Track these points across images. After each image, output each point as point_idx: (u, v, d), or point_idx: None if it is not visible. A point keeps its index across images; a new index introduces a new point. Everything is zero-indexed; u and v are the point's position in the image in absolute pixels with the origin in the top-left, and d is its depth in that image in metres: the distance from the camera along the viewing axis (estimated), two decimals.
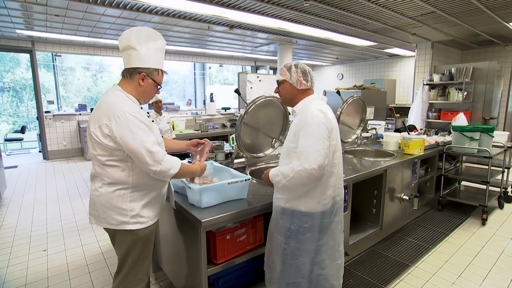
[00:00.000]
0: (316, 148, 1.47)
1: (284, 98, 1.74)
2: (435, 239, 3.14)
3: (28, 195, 4.68)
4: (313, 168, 1.45)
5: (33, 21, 5.11)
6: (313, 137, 1.49)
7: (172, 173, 1.49)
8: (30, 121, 10.33)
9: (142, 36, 1.48)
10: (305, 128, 1.52)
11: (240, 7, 4.33)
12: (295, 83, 1.66)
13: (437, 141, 3.79)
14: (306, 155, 1.48)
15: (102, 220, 1.51)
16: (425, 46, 6.62)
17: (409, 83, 8.95)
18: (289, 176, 1.52)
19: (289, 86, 1.68)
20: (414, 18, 4.89)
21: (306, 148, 1.49)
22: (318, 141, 1.49)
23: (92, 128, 1.43)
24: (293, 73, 1.66)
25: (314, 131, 1.50)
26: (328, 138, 1.52)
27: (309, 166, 1.45)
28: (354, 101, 3.41)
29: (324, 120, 1.54)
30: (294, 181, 1.52)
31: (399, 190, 3.10)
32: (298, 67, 1.67)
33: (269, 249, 1.76)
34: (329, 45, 7.32)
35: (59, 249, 3.01)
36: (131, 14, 4.63)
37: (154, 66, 1.51)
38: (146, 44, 1.48)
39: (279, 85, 1.74)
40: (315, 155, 1.46)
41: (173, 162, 1.50)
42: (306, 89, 1.69)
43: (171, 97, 11.08)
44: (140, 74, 1.49)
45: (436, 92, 6.36)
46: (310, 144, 1.49)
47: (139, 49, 1.47)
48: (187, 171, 1.62)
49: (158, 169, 1.43)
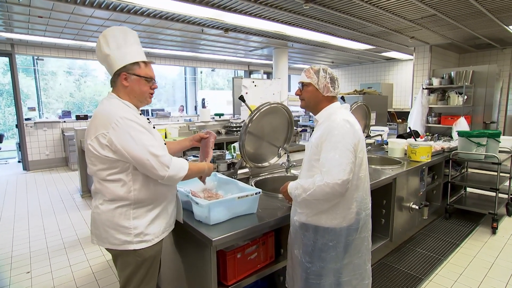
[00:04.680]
0: (339, 162, 1.36)
1: (307, 103, 1.63)
2: (446, 250, 3.02)
3: (7, 210, 4.34)
4: (336, 183, 1.34)
5: (13, 23, 4.82)
6: (337, 149, 1.38)
7: (181, 176, 1.41)
8: (8, 129, 9.78)
9: (110, 39, 1.40)
10: (330, 139, 1.41)
11: (236, 9, 4.18)
12: (321, 88, 1.55)
13: (443, 147, 3.69)
14: (329, 168, 1.37)
15: (104, 240, 1.41)
16: (424, 49, 6.57)
17: (406, 87, 8.92)
18: (310, 190, 1.41)
19: (314, 90, 1.58)
20: (414, 21, 4.82)
21: (329, 161, 1.38)
22: (343, 154, 1.37)
23: (89, 141, 1.35)
24: (321, 77, 1.55)
25: (339, 142, 1.39)
26: (354, 151, 1.41)
27: (331, 180, 1.34)
28: (359, 106, 3.32)
29: (351, 131, 1.43)
30: (315, 196, 1.41)
31: (408, 199, 2.98)
32: (327, 72, 1.57)
33: (290, 266, 1.67)
34: (325, 49, 7.24)
35: (45, 270, 2.77)
36: (120, 16, 4.42)
37: (130, 62, 1.41)
38: (116, 44, 1.40)
39: (303, 87, 1.62)
40: (339, 169, 1.35)
41: (181, 164, 1.42)
42: (331, 97, 1.59)
43: (160, 103, 10.77)
44: (120, 74, 1.40)
45: (436, 96, 6.30)
46: (333, 156, 1.38)
47: (112, 53, 1.39)
48: (196, 171, 1.56)
49: (166, 174, 1.35)
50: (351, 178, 1.41)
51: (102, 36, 1.40)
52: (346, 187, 1.38)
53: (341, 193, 1.39)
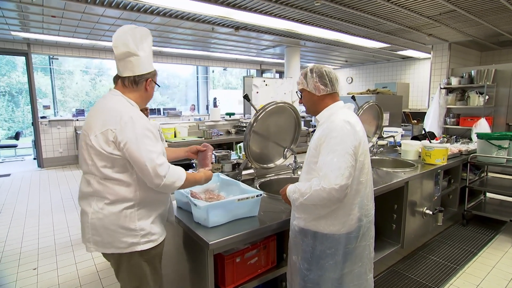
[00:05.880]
0: (338, 166, 1.28)
1: (307, 108, 1.59)
2: (462, 259, 2.85)
3: (20, 206, 4.45)
4: (333, 188, 1.26)
5: (29, 23, 4.94)
6: (336, 152, 1.30)
7: (177, 186, 1.36)
8: (26, 126, 10.09)
9: (137, 38, 1.35)
10: (328, 141, 1.33)
11: (246, 7, 4.12)
12: (313, 90, 1.49)
13: (461, 149, 3.50)
14: (326, 172, 1.28)
15: (107, 245, 1.34)
16: (442, 47, 6.30)
17: (423, 87, 8.61)
18: (306, 195, 1.34)
19: (308, 94, 1.53)
20: (432, 18, 4.61)
21: (327, 164, 1.29)
22: (342, 158, 1.29)
23: (91, 137, 1.29)
24: (309, 79, 1.49)
25: (338, 145, 1.31)
26: (353, 155, 1.32)
27: (328, 185, 1.26)
28: (370, 106, 3.17)
29: (351, 133, 1.34)
30: (312, 201, 1.34)
31: (421, 203, 2.83)
32: (313, 71, 1.49)
33: (289, 272, 1.62)
34: (338, 47, 7.08)
35: (51, 267, 2.79)
36: (132, 15, 4.44)
37: (153, 68, 1.44)
38: (143, 46, 1.37)
39: (301, 95, 1.59)
40: (337, 173, 1.27)
41: (178, 173, 1.36)
42: (328, 94, 1.50)
43: (173, 102, 10.87)
44: (147, 80, 1.40)
45: (455, 96, 6.03)
46: (331, 160, 1.29)
47: (140, 54, 1.35)
48: (192, 181, 1.48)
49: (162, 183, 1.30)
50: (350, 183, 1.32)
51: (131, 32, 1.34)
52: (344, 193, 1.29)
53: (338, 198, 1.30)
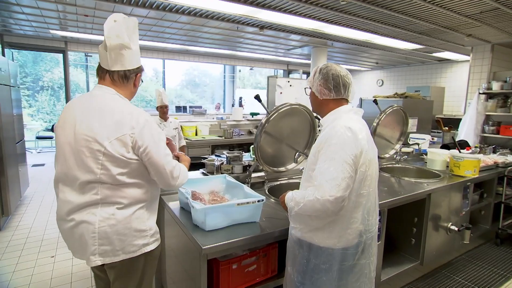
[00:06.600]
0: (334, 176, 1.17)
1: (313, 109, 1.51)
2: (493, 282, 2.60)
3: (49, 195, 4.69)
4: (327, 200, 1.16)
5: (67, 22, 5.23)
6: (333, 161, 1.19)
7: (183, 183, 1.42)
8: None
9: (130, 30, 1.30)
10: (326, 148, 1.23)
11: (271, 6, 4.06)
12: (316, 92, 1.39)
13: (496, 161, 3.19)
14: (321, 182, 1.19)
15: (117, 253, 1.26)
16: (483, 49, 5.80)
17: (460, 92, 8.02)
18: (300, 204, 1.25)
19: (313, 95, 1.43)
20: (472, 17, 4.25)
21: (323, 173, 1.20)
22: (339, 167, 1.18)
23: (105, 143, 1.18)
24: (315, 79, 1.38)
25: (336, 153, 1.20)
26: (353, 164, 1.21)
27: (322, 196, 1.17)
28: (394, 111, 2.98)
29: (352, 140, 1.22)
30: (305, 211, 1.26)
31: (446, 218, 2.61)
32: (321, 72, 1.36)
33: (285, 282, 1.54)
34: (368, 48, 6.79)
35: (67, 256, 2.91)
36: (158, 14, 4.54)
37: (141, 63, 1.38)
38: (134, 38, 1.31)
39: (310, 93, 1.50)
40: (332, 184, 1.17)
41: (185, 172, 1.42)
42: (332, 100, 1.38)
43: (201, 100, 11.04)
44: (137, 75, 1.35)
45: (495, 102, 5.53)
46: (328, 169, 1.19)
47: (132, 47, 1.29)
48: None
49: (176, 183, 1.35)
50: (348, 195, 1.21)
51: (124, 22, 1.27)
52: (339, 205, 1.19)
53: (333, 211, 1.21)
